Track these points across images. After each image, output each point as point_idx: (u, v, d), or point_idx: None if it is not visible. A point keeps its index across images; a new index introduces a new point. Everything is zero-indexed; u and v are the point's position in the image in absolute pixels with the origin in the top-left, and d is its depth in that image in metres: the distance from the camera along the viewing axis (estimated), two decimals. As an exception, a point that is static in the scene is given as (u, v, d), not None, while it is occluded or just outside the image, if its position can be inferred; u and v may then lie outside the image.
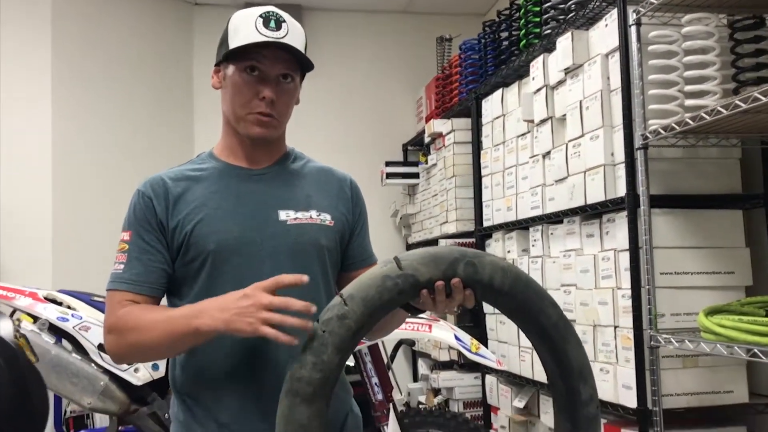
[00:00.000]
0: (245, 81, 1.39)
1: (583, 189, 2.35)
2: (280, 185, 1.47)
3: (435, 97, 4.11)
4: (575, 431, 1.36)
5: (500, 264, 1.29)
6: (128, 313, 1.34)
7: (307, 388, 1.18)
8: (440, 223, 3.68)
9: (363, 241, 1.57)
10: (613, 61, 2.21)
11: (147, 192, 1.42)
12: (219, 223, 1.39)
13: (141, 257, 1.38)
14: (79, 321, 2.40)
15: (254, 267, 1.39)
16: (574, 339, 1.35)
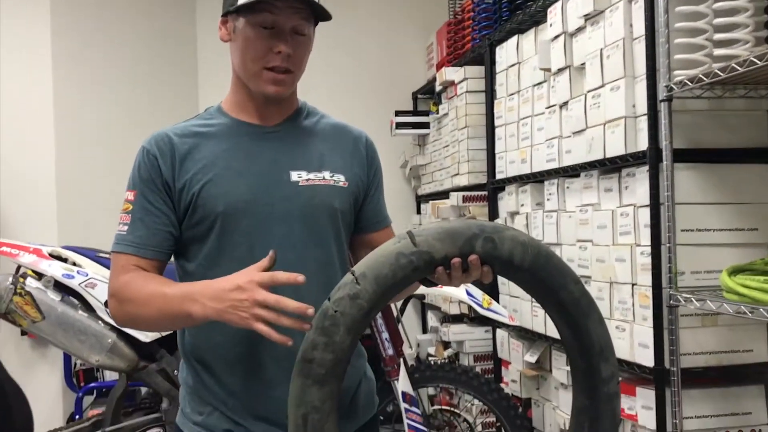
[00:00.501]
0: (259, 35, 1.31)
1: (602, 142, 2.26)
2: (292, 144, 1.40)
3: (446, 44, 3.98)
4: (594, 408, 1.32)
5: (520, 239, 1.23)
6: (129, 283, 1.29)
7: (319, 370, 1.14)
8: (451, 175, 3.60)
9: (378, 202, 1.51)
10: (637, 7, 2.10)
11: (152, 150, 1.35)
12: (228, 185, 1.33)
13: (145, 219, 1.32)
14: (85, 278, 2.37)
15: (265, 230, 1.34)
16: (596, 315, 1.30)
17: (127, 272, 1.31)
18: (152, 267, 1.34)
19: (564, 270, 1.27)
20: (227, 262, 1.34)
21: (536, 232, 2.77)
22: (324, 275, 1.38)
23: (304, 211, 1.37)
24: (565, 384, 2.64)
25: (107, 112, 3.96)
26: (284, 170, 1.37)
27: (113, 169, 3.87)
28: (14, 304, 2.28)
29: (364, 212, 1.50)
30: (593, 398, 1.33)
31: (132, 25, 4.10)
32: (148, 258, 1.33)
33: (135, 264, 1.32)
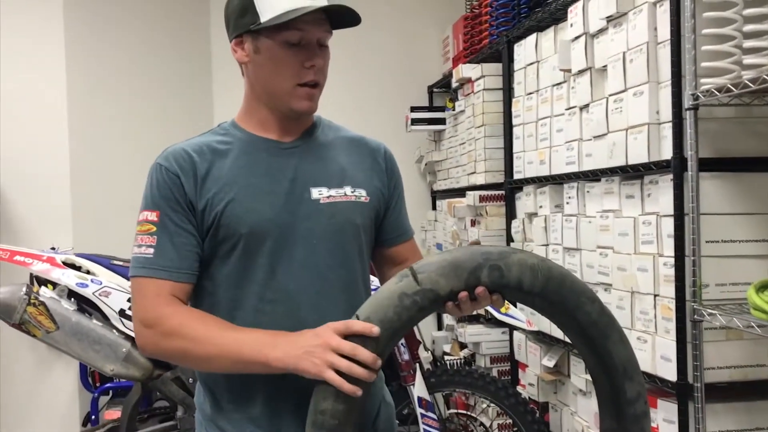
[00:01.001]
0: (289, 53, 1.28)
1: (624, 148, 2.20)
2: (311, 159, 1.36)
3: (463, 38, 3.91)
4: (622, 430, 1.28)
5: (528, 262, 1.18)
6: (179, 316, 1.24)
7: (332, 421, 1.11)
8: (468, 173, 3.55)
9: (399, 215, 1.47)
10: (662, 11, 2.03)
11: (172, 167, 1.30)
12: (251, 203, 1.29)
13: (174, 240, 1.28)
14: (99, 286, 2.35)
15: (287, 251, 1.30)
16: (616, 335, 1.25)
17: (165, 301, 1.26)
18: (184, 291, 1.30)
19: (579, 290, 1.22)
20: (249, 284, 1.31)
21: (555, 236, 2.72)
22: (347, 295, 1.35)
23: (326, 230, 1.33)
24: (584, 390, 2.60)
25: (121, 111, 3.93)
26: (305, 188, 1.34)
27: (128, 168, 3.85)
28: (28, 314, 2.26)
29: (386, 226, 1.46)
30: (621, 420, 1.28)
31: (145, 22, 4.07)
32: (181, 282, 1.28)
33: (169, 290, 1.27)
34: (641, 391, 1.28)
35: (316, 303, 1.32)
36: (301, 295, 1.31)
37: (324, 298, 1.33)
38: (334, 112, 1.65)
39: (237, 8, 1.31)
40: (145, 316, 1.27)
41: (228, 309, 1.32)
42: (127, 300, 2.38)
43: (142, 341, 1.29)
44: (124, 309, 2.37)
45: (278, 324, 1.29)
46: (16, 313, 2.26)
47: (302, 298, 1.31)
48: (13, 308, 2.27)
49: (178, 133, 4.03)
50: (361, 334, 1.13)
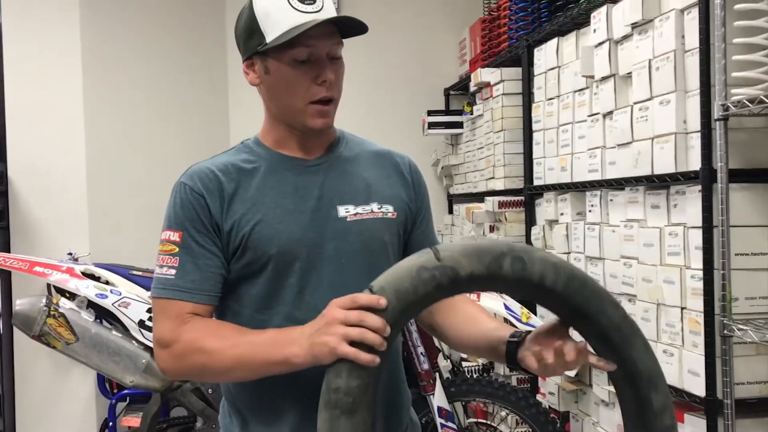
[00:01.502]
0: (298, 71, 1.25)
1: (650, 157, 2.17)
2: (337, 176, 1.34)
3: (480, 41, 3.87)
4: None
5: (551, 260, 1.15)
6: (193, 331, 1.22)
7: (346, 399, 1.07)
8: (486, 178, 3.52)
9: (426, 229, 1.45)
10: (690, 18, 1.99)
11: (196, 187, 1.28)
12: (279, 225, 1.27)
13: (197, 261, 1.26)
14: (119, 297, 2.34)
15: (315, 272, 1.28)
16: (640, 342, 1.20)
17: (184, 322, 1.24)
18: (207, 313, 1.28)
19: (601, 294, 1.18)
20: (277, 305, 1.29)
21: (577, 244, 2.68)
22: None
23: (354, 248, 1.31)
24: (607, 401, 2.56)
25: (137, 118, 3.92)
26: (331, 206, 1.32)
27: (144, 174, 3.86)
28: (48, 326, 2.26)
29: (413, 240, 1.43)
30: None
31: (161, 28, 4.05)
32: (203, 304, 1.27)
33: (190, 312, 1.25)
34: (668, 403, 1.24)
35: None
36: None
37: None
38: (349, 116, 1.63)
39: (244, 31, 1.30)
40: (161, 337, 1.26)
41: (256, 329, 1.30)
42: (146, 311, 2.37)
43: (160, 363, 1.28)
44: (144, 320, 2.36)
45: None
46: (36, 325, 2.25)
47: None
48: (33, 320, 2.26)
49: (194, 140, 4.12)
50: (368, 306, 1.09)
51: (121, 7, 3.87)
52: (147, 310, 2.38)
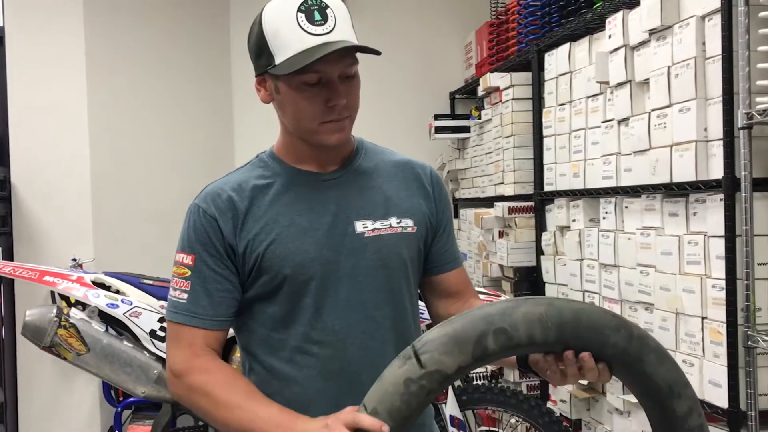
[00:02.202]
0: (308, 95, 1.20)
1: (668, 165, 2.14)
2: (354, 190, 1.30)
3: (487, 45, 3.85)
4: None
5: (535, 314, 1.09)
6: (205, 372, 1.21)
7: None
8: (495, 183, 3.49)
9: (447, 241, 1.41)
10: (711, 25, 1.97)
11: (209, 210, 1.26)
12: (294, 244, 1.24)
13: (208, 286, 1.24)
14: (129, 307, 2.30)
15: (332, 290, 1.25)
16: (653, 356, 1.15)
17: (198, 354, 1.23)
18: (218, 339, 1.27)
19: (599, 325, 1.12)
20: (294, 325, 1.27)
21: (590, 251, 2.66)
22: (396, 333, 1.30)
23: (372, 266, 1.28)
24: (621, 410, 2.54)
25: (142, 123, 3.88)
26: (348, 221, 1.28)
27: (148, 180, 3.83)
28: (59, 337, 2.22)
29: (434, 253, 1.40)
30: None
31: (166, 34, 4.01)
32: (214, 330, 1.26)
33: (202, 339, 1.24)
34: (692, 405, 1.20)
35: (363, 343, 1.27)
36: (348, 336, 1.26)
37: (372, 338, 1.28)
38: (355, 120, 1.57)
39: (254, 48, 1.25)
40: (174, 366, 1.25)
41: (271, 349, 1.28)
42: (158, 320, 2.34)
43: (170, 387, 1.28)
44: (155, 330, 2.32)
45: (324, 366, 1.25)
46: (46, 336, 2.22)
47: (349, 338, 1.27)
48: (43, 331, 2.23)
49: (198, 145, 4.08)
50: (369, 429, 1.06)
51: (125, 12, 3.83)
52: (158, 320, 2.34)
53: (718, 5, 1.90)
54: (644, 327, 2.31)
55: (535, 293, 3.15)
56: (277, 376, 1.25)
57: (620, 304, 2.47)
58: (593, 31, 2.71)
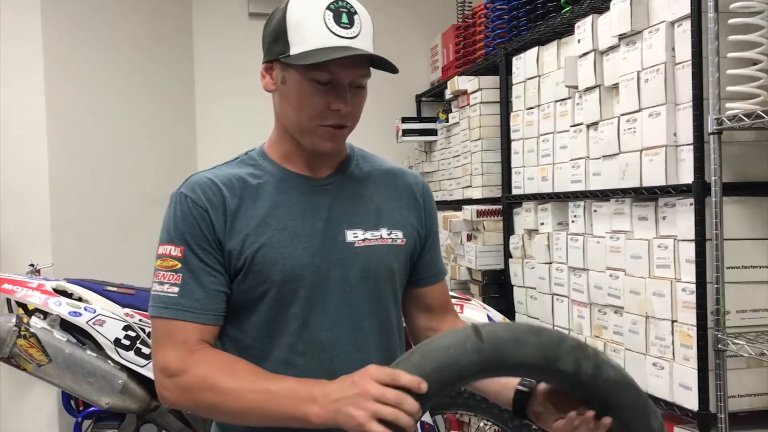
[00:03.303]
0: (315, 91, 1.17)
1: (638, 169, 2.16)
2: (346, 198, 1.27)
3: (454, 48, 3.85)
4: None
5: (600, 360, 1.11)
6: (204, 365, 1.14)
7: None
8: (462, 187, 3.49)
9: (433, 255, 1.39)
10: (681, 31, 1.99)
11: (200, 200, 1.20)
12: (285, 249, 1.20)
13: (200, 279, 1.18)
14: (93, 315, 2.23)
15: (320, 300, 1.22)
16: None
17: (193, 351, 1.16)
18: (212, 334, 1.21)
19: (646, 407, 1.17)
20: (279, 335, 1.22)
21: (559, 254, 2.67)
22: (382, 345, 1.28)
23: (360, 276, 1.25)
24: (590, 413, 2.55)
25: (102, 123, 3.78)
26: (339, 229, 1.25)
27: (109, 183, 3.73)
28: (18, 347, 2.13)
29: (419, 266, 1.38)
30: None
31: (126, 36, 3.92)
32: (209, 324, 1.19)
33: (197, 335, 1.17)
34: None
35: (350, 355, 1.24)
36: (335, 347, 1.23)
37: (359, 350, 1.25)
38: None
39: (271, 34, 1.21)
40: (167, 365, 1.17)
41: (255, 358, 1.23)
42: (122, 328, 2.27)
43: (162, 391, 1.19)
44: (120, 338, 2.25)
45: (310, 377, 1.20)
46: (5, 347, 2.13)
47: (336, 350, 1.23)
48: (2, 341, 2.14)
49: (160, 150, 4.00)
50: (408, 388, 1.03)
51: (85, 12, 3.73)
52: (123, 328, 2.28)
53: (688, 11, 1.92)
54: (614, 330, 2.33)
55: (504, 296, 3.16)
56: None
57: (589, 307, 2.49)
58: (561, 35, 2.72)
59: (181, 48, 4.17)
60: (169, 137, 4.04)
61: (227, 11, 4.33)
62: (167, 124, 4.06)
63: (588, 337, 2.48)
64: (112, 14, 3.84)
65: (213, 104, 4.26)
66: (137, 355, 2.22)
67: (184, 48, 4.18)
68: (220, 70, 4.27)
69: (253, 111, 4.28)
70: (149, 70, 4.00)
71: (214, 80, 4.26)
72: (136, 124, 3.90)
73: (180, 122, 4.12)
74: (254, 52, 4.90)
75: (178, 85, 4.15)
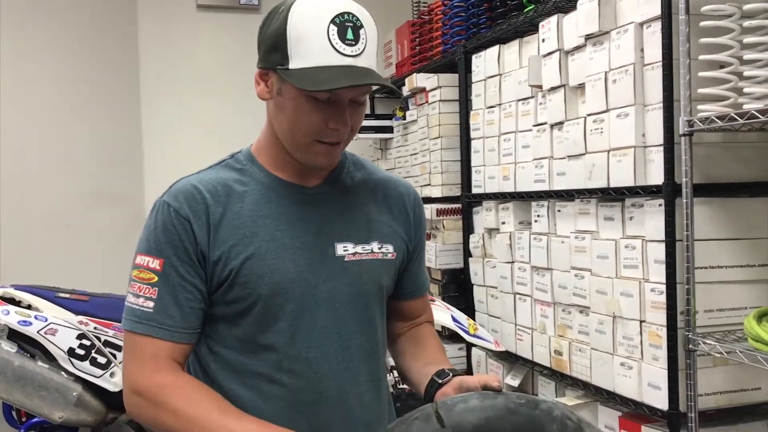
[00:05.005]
0: (313, 108, 1.10)
1: (605, 170, 2.16)
2: (337, 209, 1.22)
3: (409, 44, 3.81)
4: None
5: None
6: (171, 387, 1.09)
7: None
8: (421, 185, 3.46)
9: (418, 268, 1.35)
10: (650, 32, 1.99)
11: (182, 210, 1.13)
12: (274, 261, 1.14)
13: (178, 296, 1.12)
14: (44, 324, 2.10)
15: (308, 316, 1.16)
16: None
17: (162, 368, 1.11)
18: (184, 353, 1.15)
19: None
20: (264, 352, 1.16)
21: (521, 253, 2.66)
22: (369, 364, 1.23)
23: (350, 292, 1.20)
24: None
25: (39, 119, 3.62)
26: (329, 242, 1.19)
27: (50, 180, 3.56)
28: (-37, 360, 1.99)
29: (404, 279, 1.33)
30: None
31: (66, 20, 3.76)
32: (182, 343, 1.13)
33: (168, 353, 1.12)
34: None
35: (338, 374, 1.19)
36: (322, 366, 1.18)
37: (346, 369, 1.20)
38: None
39: (269, 41, 1.13)
40: (136, 382, 1.12)
41: (235, 375, 1.17)
42: (76, 337, 2.14)
43: (129, 406, 1.14)
44: (74, 348, 2.13)
45: (295, 397, 1.16)
46: (-53, 360, 1.99)
47: (323, 368, 1.18)
48: (-56, 354, 2.00)
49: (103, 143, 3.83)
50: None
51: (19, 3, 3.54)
52: (77, 337, 2.15)
53: (658, 13, 1.93)
54: (579, 330, 2.34)
55: (463, 295, 3.14)
56: (242, 405, 1.13)
57: (553, 306, 2.49)
58: (523, 34, 2.71)
59: (125, 40, 4.01)
60: (112, 133, 3.89)
61: (174, 2, 4.19)
62: (110, 120, 3.91)
63: (552, 337, 2.48)
64: (50, 3, 3.65)
65: (160, 99, 4.11)
66: (93, 365, 2.10)
67: (128, 40, 4.02)
68: (168, 64, 4.12)
69: (202, 107, 4.18)
70: (91, 63, 3.84)
71: (161, 74, 4.11)
72: (77, 120, 3.74)
73: (124, 117, 3.97)
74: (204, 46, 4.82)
75: (122, 79, 3.99)
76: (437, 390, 1.14)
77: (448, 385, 1.13)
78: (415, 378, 1.25)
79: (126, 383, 1.14)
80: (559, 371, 2.45)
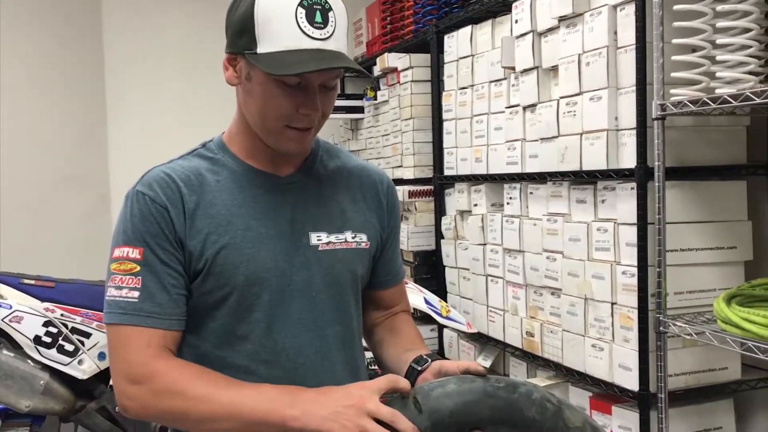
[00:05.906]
0: (283, 93, 1.08)
1: (578, 153, 2.16)
2: (311, 198, 1.20)
3: (380, 23, 3.77)
4: None
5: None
6: (172, 371, 1.06)
7: None
8: (393, 167, 3.44)
9: (392, 255, 1.33)
10: (624, 15, 1.99)
11: (158, 198, 1.10)
12: (250, 251, 1.12)
13: (163, 282, 1.09)
14: (9, 311, 2.04)
15: (283, 306, 1.15)
16: None
17: (157, 355, 1.07)
18: (175, 340, 1.12)
19: None
20: (241, 342, 1.14)
21: (494, 235, 2.67)
22: (345, 353, 1.22)
23: (324, 281, 1.18)
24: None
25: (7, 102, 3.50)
26: (303, 232, 1.18)
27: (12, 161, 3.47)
28: (-76, 350, 1.93)
29: (379, 268, 1.32)
30: None
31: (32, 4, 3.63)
32: (173, 330, 1.10)
33: (159, 340, 1.08)
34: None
35: (315, 364, 1.18)
36: (299, 355, 1.16)
37: (323, 359, 1.19)
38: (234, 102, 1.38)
39: (236, 25, 1.10)
40: (131, 372, 1.07)
41: (214, 367, 1.14)
42: (42, 324, 2.09)
43: (127, 401, 1.09)
44: (40, 335, 2.08)
45: None
46: None
47: (300, 358, 1.17)
48: None
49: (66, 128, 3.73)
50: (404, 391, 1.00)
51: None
52: (43, 324, 2.10)
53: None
54: (550, 312, 2.35)
55: (435, 277, 3.14)
56: None
57: (525, 288, 2.50)
58: (496, 14, 2.69)
59: (90, 21, 3.90)
60: (75, 117, 3.80)
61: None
62: (74, 101, 3.82)
63: (524, 318, 2.50)
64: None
65: (124, 84, 4.03)
66: (60, 352, 2.05)
67: (93, 21, 3.91)
68: (132, 48, 4.03)
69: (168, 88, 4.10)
70: (53, 47, 3.75)
71: (125, 59, 4.03)
72: (40, 104, 3.65)
73: (88, 99, 3.88)
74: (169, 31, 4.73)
75: (86, 63, 3.90)
76: (417, 377, 1.13)
77: (427, 371, 1.13)
78: (393, 366, 1.24)
79: (119, 377, 1.09)
80: (530, 352, 2.47)
